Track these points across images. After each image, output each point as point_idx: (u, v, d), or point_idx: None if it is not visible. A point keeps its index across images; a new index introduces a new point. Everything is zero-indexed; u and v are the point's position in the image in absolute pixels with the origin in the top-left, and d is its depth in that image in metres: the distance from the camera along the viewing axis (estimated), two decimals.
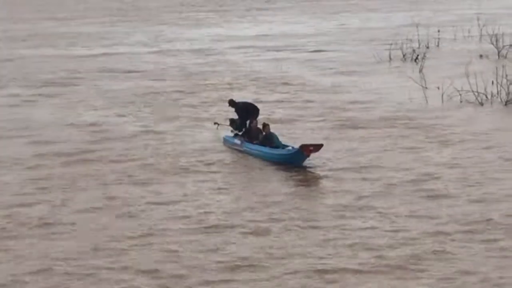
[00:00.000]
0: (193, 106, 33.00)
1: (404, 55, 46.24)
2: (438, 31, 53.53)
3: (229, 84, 38.67)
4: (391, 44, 46.62)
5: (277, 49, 52.86)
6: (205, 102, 33.91)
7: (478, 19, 56.52)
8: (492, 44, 47.12)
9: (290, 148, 23.53)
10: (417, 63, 43.38)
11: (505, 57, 45.21)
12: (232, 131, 26.38)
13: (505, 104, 31.56)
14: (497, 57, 45.51)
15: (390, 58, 45.95)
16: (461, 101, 32.15)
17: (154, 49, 54.60)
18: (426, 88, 34.59)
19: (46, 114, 31.89)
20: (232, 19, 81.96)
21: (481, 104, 31.77)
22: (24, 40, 61.77)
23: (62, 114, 31.78)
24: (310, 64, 45.52)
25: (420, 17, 67.85)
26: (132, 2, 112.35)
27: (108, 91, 37.37)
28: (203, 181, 21.79)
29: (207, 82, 39.42)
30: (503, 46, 46.46)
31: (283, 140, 24.43)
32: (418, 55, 44.94)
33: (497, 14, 75.64)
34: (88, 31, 68.60)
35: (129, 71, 43.69)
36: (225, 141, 26.15)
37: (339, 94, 34.96)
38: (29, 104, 34.61)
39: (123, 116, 31.32)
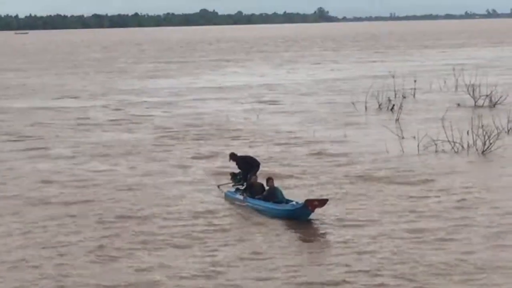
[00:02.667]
0: (180, 158, 32.33)
1: (379, 105, 46.14)
2: (415, 81, 53.56)
3: (212, 135, 38.09)
4: (366, 94, 46.61)
5: (246, 100, 52.89)
6: (189, 152, 33.40)
7: (454, 69, 56.78)
8: (469, 94, 47.18)
9: (293, 203, 22.66)
10: (393, 113, 43.20)
11: (482, 107, 45.23)
12: (233, 185, 25.60)
13: (482, 153, 31.26)
14: (473, 106, 45.51)
15: (366, 108, 45.82)
16: (436, 151, 31.82)
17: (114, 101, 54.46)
18: (403, 138, 34.29)
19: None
20: (205, 71, 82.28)
21: (457, 153, 31.47)
22: None
23: (41, 167, 31.11)
24: (282, 115, 45.20)
25: (393, 68, 67.98)
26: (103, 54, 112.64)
27: (79, 143, 36.70)
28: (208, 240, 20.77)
29: (181, 134, 38.96)
30: (480, 96, 46.49)
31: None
32: (394, 105, 44.85)
33: (469, 64, 76.09)
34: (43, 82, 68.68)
35: (88, 124, 43.03)
36: (227, 196, 25.20)
37: (317, 145, 34.49)
38: None
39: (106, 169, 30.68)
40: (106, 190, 26.31)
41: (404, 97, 49.46)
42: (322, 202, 22.11)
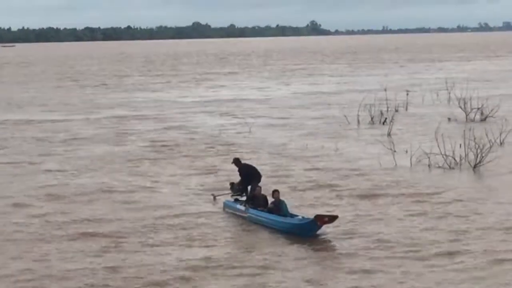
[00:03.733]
0: (172, 175, 32.22)
1: (372, 118, 46.18)
2: (407, 94, 53.72)
3: (204, 148, 38.00)
4: (358, 107, 46.65)
5: (238, 114, 52.80)
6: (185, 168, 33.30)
7: (446, 83, 56.89)
8: (460, 107, 47.26)
9: (300, 217, 22.13)
10: (385, 126, 43.19)
11: (473, 120, 45.30)
12: (232, 195, 25.09)
13: (474, 167, 31.26)
14: (465, 120, 45.58)
15: (358, 121, 45.85)
16: (429, 165, 31.80)
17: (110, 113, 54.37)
18: (395, 151, 34.30)
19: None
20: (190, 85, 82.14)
21: (450, 167, 31.47)
22: None
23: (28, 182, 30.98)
24: (274, 129, 45.16)
25: (385, 81, 68.09)
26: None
27: (68, 157, 36.58)
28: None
29: (175, 147, 38.86)
30: (471, 109, 46.57)
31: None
32: (386, 118, 44.89)
33: (461, 78, 76.24)
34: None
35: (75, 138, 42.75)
36: (226, 206, 24.58)
37: (310, 158, 34.46)
38: None
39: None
40: (97, 205, 26.01)
41: (396, 111, 49.59)
42: (332, 218, 21.55)
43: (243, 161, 26.32)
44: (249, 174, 25.03)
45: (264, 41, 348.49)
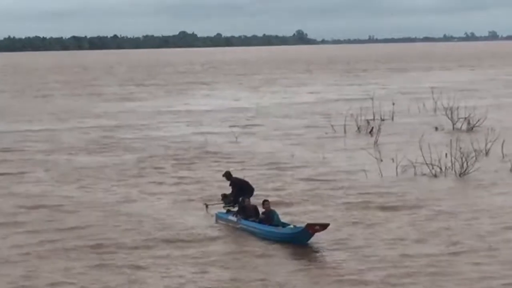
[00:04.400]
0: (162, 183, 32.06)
1: (358, 128, 46.23)
2: (393, 104, 53.79)
3: (192, 158, 37.82)
4: (345, 117, 46.71)
5: (223, 123, 52.71)
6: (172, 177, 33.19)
7: (432, 92, 57.02)
8: (447, 116, 47.36)
9: (291, 226, 22.21)
10: (372, 136, 43.26)
11: (460, 130, 45.40)
12: (224, 206, 25.01)
13: (460, 176, 31.32)
14: (451, 129, 45.68)
15: (345, 131, 45.88)
16: (415, 174, 31.84)
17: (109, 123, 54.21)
18: (381, 160, 34.32)
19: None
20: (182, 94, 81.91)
21: (435, 176, 31.51)
22: None
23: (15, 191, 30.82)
24: (262, 138, 45.13)
25: (371, 91, 68.05)
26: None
27: (53, 167, 36.45)
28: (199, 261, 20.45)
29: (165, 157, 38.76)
30: (458, 119, 46.68)
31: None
32: (372, 128, 44.95)
33: (448, 87, 76.48)
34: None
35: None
36: (218, 217, 24.53)
37: (298, 168, 34.44)
38: None
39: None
40: (86, 218, 25.65)
41: (382, 120, 49.65)
42: (323, 226, 21.61)
43: (234, 175, 26.15)
44: (240, 188, 25.01)
45: (250, 50, 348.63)
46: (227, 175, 25.81)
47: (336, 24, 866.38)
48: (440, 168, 31.97)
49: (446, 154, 32.55)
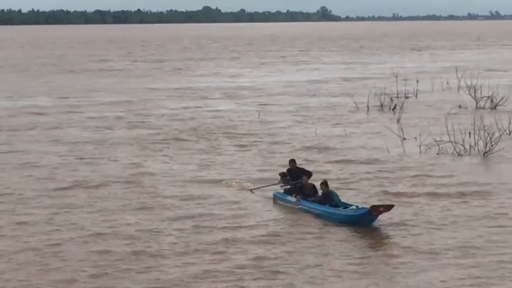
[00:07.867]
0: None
1: (382, 105, 46.09)
2: (417, 81, 53.63)
3: (220, 136, 37.87)
4: (368, 94, 46.61)
5: (245, 102, 52.54)
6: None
7: (456, 71, 56.72)
8: (470, 95, 47.16)
9: (354, 207, 21.49)
10: (394, 113, 43.12)
11: (483, 108, 45.22)
12: (282, 186, 24.27)
13: (484, 155, 31.17)
14: (475, 108, 45.51)
15: (368, 108, 45.77)
16: (438, 153, 31.66)
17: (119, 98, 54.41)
18: (404, 139, 34.24)
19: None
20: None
21: (459, 155, 31.39)
22: None
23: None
24: (289, 115, 45.04)
25: (395, 69, 67.89)
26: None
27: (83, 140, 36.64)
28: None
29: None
30: (481, 97, 46.48)
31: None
32: (396, 105, 44.83)
33: (472, 66, 76.03)
34: None
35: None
36: (276, 198, 23.88)
37: (318, 147, 34.43)
38: None
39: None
40: (135, 193, 25.11)
41: (406, 97, 49.51)
42: (388, 208, 21.02)
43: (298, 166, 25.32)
44: (298, 175, 24.22)
45: (274, 27, 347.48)
46: (291, 163, 25.01)
47: (360, 1, 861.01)
48: (464, 147, 31.64)
49: (470, 133, 32.40)
